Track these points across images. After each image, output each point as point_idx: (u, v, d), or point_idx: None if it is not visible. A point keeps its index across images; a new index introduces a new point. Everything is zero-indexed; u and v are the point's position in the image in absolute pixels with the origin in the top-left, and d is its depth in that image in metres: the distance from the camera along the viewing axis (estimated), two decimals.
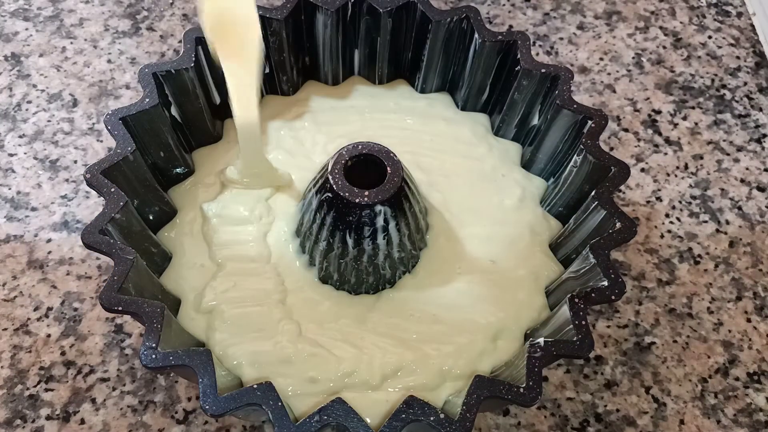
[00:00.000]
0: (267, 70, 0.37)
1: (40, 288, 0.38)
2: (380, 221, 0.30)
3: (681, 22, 0.52)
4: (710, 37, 0.51)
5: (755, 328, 0.39)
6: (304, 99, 0.39)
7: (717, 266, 0.41)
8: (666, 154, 0.45)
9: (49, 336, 0.37)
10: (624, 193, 0.43)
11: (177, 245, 0.34)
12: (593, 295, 0.28)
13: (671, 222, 0.42)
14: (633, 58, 0.49)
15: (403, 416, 0.26)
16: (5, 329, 0.37)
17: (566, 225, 0.34)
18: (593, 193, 0.31)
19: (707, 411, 0.36)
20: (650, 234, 0.42)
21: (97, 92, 0.46)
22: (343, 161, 0.30)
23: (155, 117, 0.32)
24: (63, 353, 0.37)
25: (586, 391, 0.37)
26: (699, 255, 0.41)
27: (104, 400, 0.35)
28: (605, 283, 0.28)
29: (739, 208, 0.43)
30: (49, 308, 0.38)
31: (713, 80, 0.49)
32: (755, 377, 0.37)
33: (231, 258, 0.33)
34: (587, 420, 0.36)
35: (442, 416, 0.26)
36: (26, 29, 0.49)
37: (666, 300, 0.40)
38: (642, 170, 0.44)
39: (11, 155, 0.43)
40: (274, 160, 0.35)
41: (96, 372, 0.36)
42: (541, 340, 0.27)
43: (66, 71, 0.47)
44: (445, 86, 0.39)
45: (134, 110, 0.31)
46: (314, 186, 0.31)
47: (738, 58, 0.50)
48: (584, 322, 0.27)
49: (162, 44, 0.48)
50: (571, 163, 0.33)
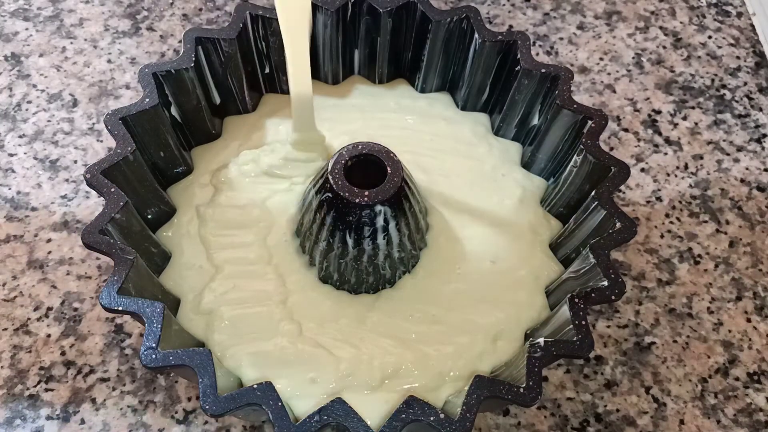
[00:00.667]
0: (267, 70, 0.37)
1: (40, 288, 0.38)
2: (380, 221, 0.29)
3: (681, 22, 0.52)
4: (710, 37, 0.51)
5: (755, 328, 0.39)
6: None
7: (717, 266, 0.41)
8: (666, 154, 0.45)
9: (49, 336, 0.37)
10: (624, 193, 0.43)
11: (175, 245, 0.33)
12: (593, 295, 0.28)
13: (671, 222, 0.42)
14: (633, 58, 0.49)
15: (403, 416, 0.26)
16: (5, 329, 0.37)
17: (566, 225, 0.34)
18: (593, 193, 0.31)
19: (707, 411, 0.36)
20: (650, 234, 0.42)
21: (97, 92, 0.46)
22: (343, 161, 0.30)
23: (155, 117, 0.32)
24: (63, 353, 0.37)
25: (586, 391, 0.37)
26: (699, 255, 0.41)
27: (104, 400, 0.35)
28: (605, 283, 0.28)
29: (739, 208, 0.43)
30: (49, 308, 0.38)
31: (713, 80, 0.49)
32: (755, 377, 0.37)
33: (230, 261, 0.33)
34: (587, 420, 0.36)
35: (442, 416, 0.26)
36: (26, 29, 0.49)
37: (666, 300, 0.39)
38: (642, 170, 0.44)
39: (11, 155, 0.43)
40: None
41: (96, 372, 0.36)
42: (541, 340, 0.27)
43: (66, 71, 0.47)
44: (445, 86, 0.39)
45: (134, 110, 0.31)
46: (314, 186, 0.31)
47: (738, 58, 0.50)
48: (584, 322, 0.27)
49: (162, 44, 0.48)
50: (571, 163, 0.33)
